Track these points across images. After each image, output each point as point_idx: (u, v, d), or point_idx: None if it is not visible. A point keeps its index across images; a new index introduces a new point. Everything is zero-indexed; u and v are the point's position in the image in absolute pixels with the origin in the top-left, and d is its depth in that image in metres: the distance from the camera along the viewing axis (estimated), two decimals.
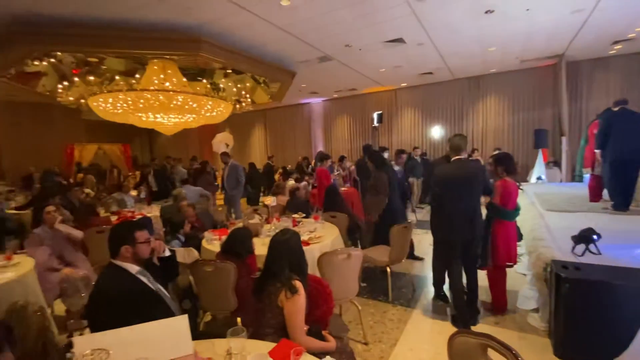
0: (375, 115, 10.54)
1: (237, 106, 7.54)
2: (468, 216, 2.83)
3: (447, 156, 3.14)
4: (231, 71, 6.89)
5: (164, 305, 1.83)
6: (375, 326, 3.00)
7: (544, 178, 7.57)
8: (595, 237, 2.71)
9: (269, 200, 4.66)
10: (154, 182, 7.73)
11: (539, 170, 7.69)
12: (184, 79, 6.12)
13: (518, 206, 3.05)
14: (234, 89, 7.13)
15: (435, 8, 4.88)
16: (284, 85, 8.04)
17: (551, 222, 3.79)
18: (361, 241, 4.49)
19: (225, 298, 2.41)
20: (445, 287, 3.35)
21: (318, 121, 12.97)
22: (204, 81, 6.71)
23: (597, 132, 4.25)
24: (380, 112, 10.57)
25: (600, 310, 2.22)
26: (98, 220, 4.48)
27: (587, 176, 5.23)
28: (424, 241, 5.18)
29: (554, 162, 8.25)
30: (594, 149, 4.36)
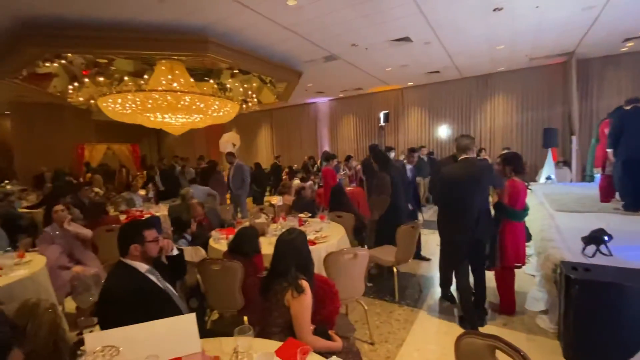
0: (381, 114, 10.49)
1: (244, 106, 7.59)
2: (475, 216, 2.80)
3: (454, 156, 3.12)
4: (238, 71, 6.93)
5: (172, 303, 1.86)
6: (381, 326, 2.99)
7: (554, 178, 7.45)
8: (606, 238, 2.66)
9: (275, 199, 4.67)
10: (160, 182, 7.84)
11: (549, 170, 7.57)
12: (192, 80, 6.18)
13: (527, 206, 3.02)
14: (241, 89, 7.17)
15: (442, 6, 4.84)
16: (290, 85, 8.05)
17: (561, 223, 3.73)
18: (367, 241, 4.49)
19: (232, 297, 2.43)
20: (452, 288, 3.33)
21: (324, 121, 12.97)
22: (211, 81, 6.76)
23: (609, 131, 4.17)
24: (386, 112, 10.52)
25: (611, 312, 2.18)
26: (107, 219, 4.54)
27: (598, 176, 5.14)
28: (431, 241, 5.15)
29: (564, 162, 8.12)
30: (606, 149, 4.28)
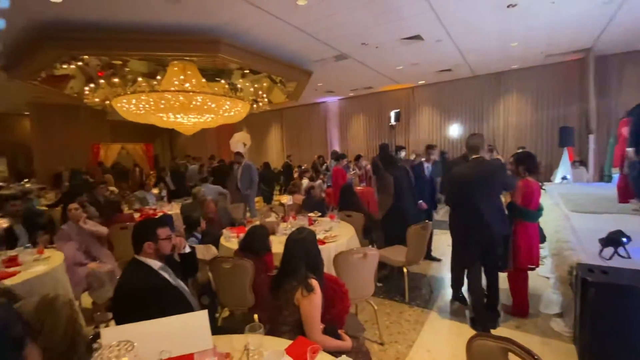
0: (392, 113, 10.41)
1: (254, 106, 7.64)
2: (487, 216, 2.75)
3: (465, 156, 3.08)
4: (248, 71, 6.99)
5: (184, 300, 1.89)
6: (391, 326, 2.98)
7: (570, 178, 7.27)
8: (624, 240, 2.58)
9: (286, 198, 4.70)
10: (171, 182, 8.00)
11: (564, 169, 7.38)
12: (203, 80, 6.26)
13: (541, 207, 2.95)
14: (251, 89, 7.23)
15: (454, 3, 4.77)
16: (300, 84, 8.07)
17: (577, 224, 3.64)
18: (376, 241, 4.48)
19: (242, 294, 2.45)
20: (464, 289, 3.29)
21: (334, 120, 12.95)
22: (222, 82, 6.83)
23: (630, 129, 4.03)
24: (397, 111, 10.44)
25: (629, 316, 2.11)
26: (122, 216, 4.66)
27: (616, 176, 4.99)
28: (442, 241, 5.09)
29: (580, 162, 7.89)
30: (626, 147, 4.15)
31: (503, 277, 3.01)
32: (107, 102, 6.42)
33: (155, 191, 7.30)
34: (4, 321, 1.30)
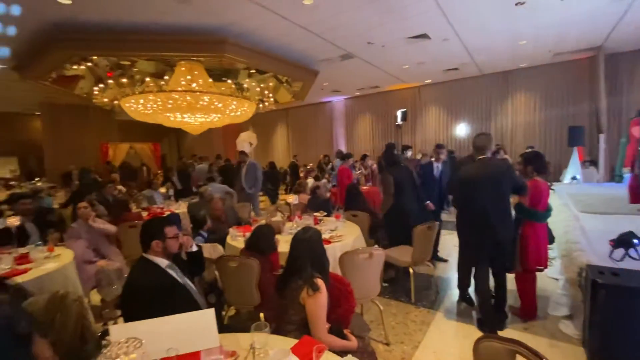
0: (399, 112, 10.35)
1: (261, 105, 7.68)
2: (495, 217, 2.72)
3: (472, 156, 3.05)
4: (255, 71, 7.02)
5: (191, 298, 1.91)
6: (397, 327, 2.97)
7: (579, 178, 7.15)
8: (636, 242, 2.54)
9: (291, 198, 4.70)
10: (178, 181, 8.08)
11: (574, 169, 7.26)
12: (210, 80, 6.30)
13: (549, 207, 2.92)
14: (258, 89, 7.26)
15: (461, 2, 4.73)
16: (306, 84, 8.08)
17: (587, 225, 3.58)
18: (380, 240, 4.46)
19: (249, 293, 2.47)
20: (470, 290, 3.26)
21: (340, 119, 12.94)
22: (229, 81, 6.88)
23: None
24: (404, 110, 10.38)
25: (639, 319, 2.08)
26: (130, 215, 4.71)
27: (628, 176, 4.89)
28: (448, 242, 5.06)
29: (590, 161, 7.76)
30: (638, 147, 4.07)
31: (511, 278, 2.98)
32: (116, 102, 6.51)
33: (162, 190, 7.37)
34: (8, 319, 1.33)
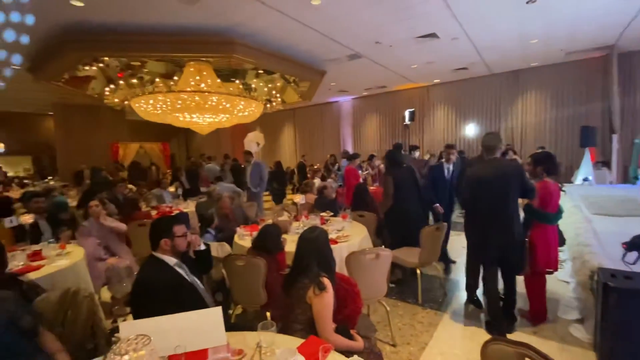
0: (407, 112, 10.30)
1: (268, 106, 7.71)
2: (504, 218, 2.68)
3: (481, 156, 3.01)
4: (262, 71, 7.05)
5: (199, 296, 1.93)
6: (404, 328, 2.95)
7: (592, 179, 7.01)
8: None
9: (298, 198, 4.71)
10: (186, 181, 8.18)
11: (586, 170, 7.12)
12: (218, 80, 6.36)
13: (560, 209, 2.86)
14: (265, 89, 7.30)
15: (470, 0, 4.69)
16: (314, 84, 8.09)
17: (599, 227, 3.51)
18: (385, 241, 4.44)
19: (255, 292, 2.48)
20: (478, 292, 3.23)
21: (347, 119, 12.92)
22: (237, 82, 6.93)
23: None
24: (412, 110, 10.32)
25: None
26: (140, 214, 4.78)
27: None
28: (456, 243, 5.00)
29: (603, 162, 7.60)
30: None
31: (520, 281, 2.94)
32: (126, 103, 6.61)
33: (171, 189, 7.46)
34: (12, 314, 1.41)
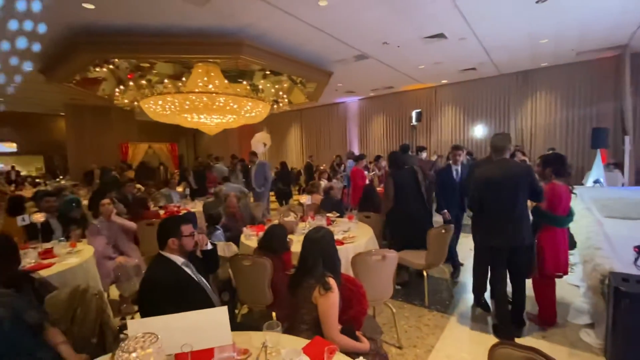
0: (414, 113, 10.24)
1: (275, 106, 7.74)
2: (513, 220, 2.65)
3: (490, 157, 2.97)
4: (269, 72, 7.09)
5: (205, 295, 1.94)
6: (410, 330, 2.93)
7: (603, 181, 6.88)
8: None
9: (304, 198, 4.72)
10: (194, 181, 8.26)
11: (597, 172, 6.98)
12: (226, 81, 6.41)
13: (571, 212, 2.81)
14: (272, 90, 7.34)
15: (479, 0, 4.64)
16: (320, 85, 8.10)
17: (610, 230, 3.45)
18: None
19: (261, 292, 2.49)
20: (486, 295, 3.19)
21: (354, 120, 12.90)
22: (244, 83, 6.97)
23: None
24: (419, 110, 10.26)
25: None
26: (149, 213, 4.83)
27: None
28: (463, 245, 4.95)
29: (615, 164, 7.45)
30: None
31: (530, 284, 2.89)
32: (136, 103, 6.71)
33: (179, 189, 7.54)
34: (17, 310, 1.47)
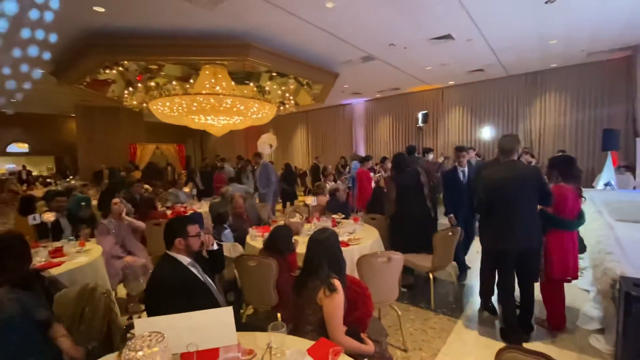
0: (420, 115, 10.19)
1: (281, 108, 7.78)
2: (521, 223, 2.61)
3: (497, 159, 2.94)
4: (276, 74, 7.13)
5: (211, 295, 1.95)
6: (415, 333, 2.91)
7: (614, 184, 6.75)
8: None
9: (310, 199, 4.72)
10: (200, 182, 8.34)
11: (608, 175, 6.85)
12: (233, 83, 6.46)
13: (582, 215, 2.76)
14: (279, 92, 7.37)
15: (486, 1, 4.61)
16: (327, 86, 8.11)
17: (622, 234, 3.37)
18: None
19: (267, 293, 2.50)
20: (493, 299, 3.15)
21: (360, 121, 12.88)
22: (251, 84, 7.02)
23: None
24: (425, 112, 10.21)
25: None
26: (156, 213, 4.89)
27: None
28: (471, 248, 4.89)
29: (626, 167, 7.31)
30: None
31: (537, 289, 2.85)
32: (144, 105, 6.80)
33: (186, 189, 7.61)
34: (26, 308, 1.53)
